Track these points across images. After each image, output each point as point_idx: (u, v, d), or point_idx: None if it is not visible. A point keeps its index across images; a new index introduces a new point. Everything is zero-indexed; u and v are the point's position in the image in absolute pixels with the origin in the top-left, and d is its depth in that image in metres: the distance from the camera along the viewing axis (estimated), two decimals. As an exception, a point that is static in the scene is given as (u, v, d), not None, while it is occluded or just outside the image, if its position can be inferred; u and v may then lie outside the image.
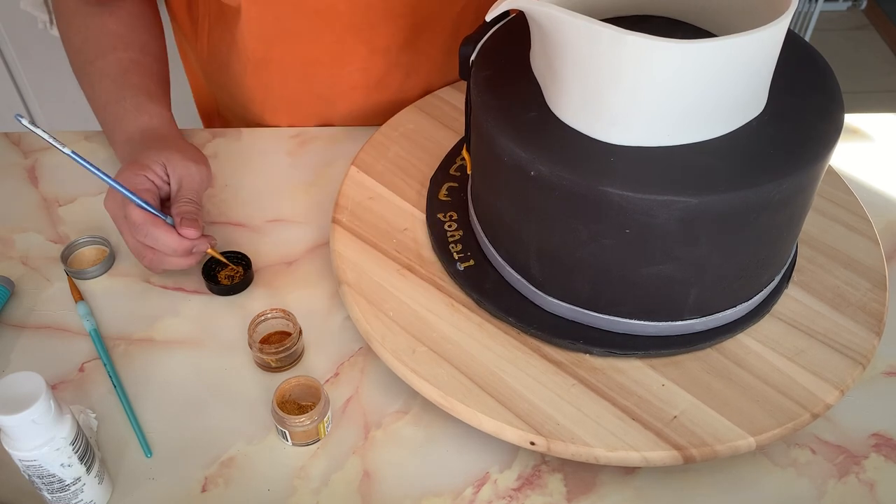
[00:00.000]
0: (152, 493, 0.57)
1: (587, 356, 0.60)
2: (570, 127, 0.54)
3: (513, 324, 0.61)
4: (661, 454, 0.54)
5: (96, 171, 0.63)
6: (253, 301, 0.69)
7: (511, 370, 0.59)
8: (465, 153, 0.67)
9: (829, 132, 0.54)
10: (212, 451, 0.59)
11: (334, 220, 0.69)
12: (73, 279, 0.70)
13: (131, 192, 0.63)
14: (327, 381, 0.64)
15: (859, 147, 0.85)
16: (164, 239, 0.63)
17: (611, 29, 0.48)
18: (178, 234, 0.64)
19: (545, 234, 0.56)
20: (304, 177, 0.80)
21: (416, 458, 0.59)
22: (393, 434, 0.60)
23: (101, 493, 0.55)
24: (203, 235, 0.65)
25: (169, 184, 0.67)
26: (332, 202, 0.72)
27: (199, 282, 0.70)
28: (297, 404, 0.61)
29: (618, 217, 0.52)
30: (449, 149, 0.75)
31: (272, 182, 0.79)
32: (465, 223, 0.68)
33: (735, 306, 0.60)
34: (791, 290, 0.64)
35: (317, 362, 0.65)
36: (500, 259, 0.63)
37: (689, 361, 0.60)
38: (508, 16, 0.63)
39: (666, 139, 0.52)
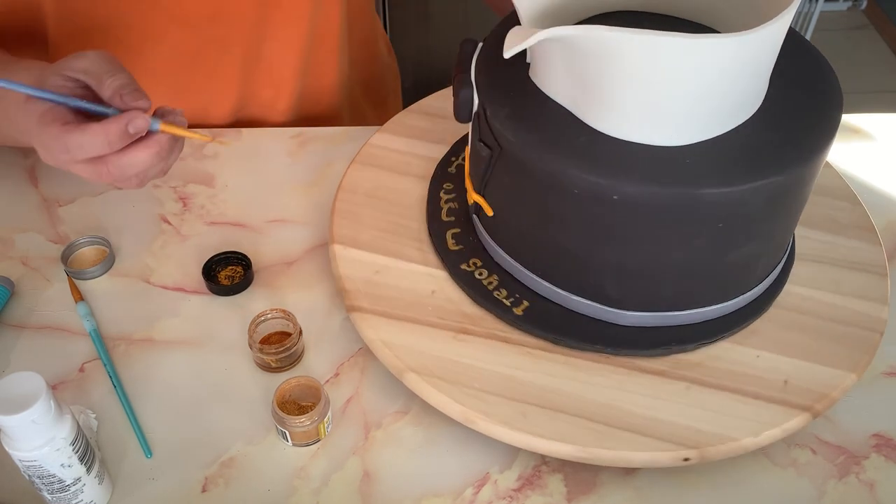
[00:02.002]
0: (152, 493, 0.57)
1: (681, 356, 0.60)
2: (627, 141, 0.53)
3: (601, 350, 0.59)
4: (795, 421, 0.56)
5: (10, 85, 0.54)
6: (253, 301, 0.69)
7: (624, 396, 0.57)
8: (475, 197, 0.63)
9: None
10: (212, 452, 0.59)
11: (355, 309, 0.62)
12: (73, 279, 0.70)
13: (40, 90, 0.54)
14: (327, 381, 0.64)
15: (860, 147, 0.85)
16: (86, 138, 0.53)
17: (673, 37, 0.47)
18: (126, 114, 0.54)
19: (629, 252, 0.55)
20: (304, 177, 0.80)
21: (416, 459, 0.59)
22: (393, 434, 0.60)
23: (101, 494, 0.55)
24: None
25: (86, 87, 0.57)
26: (332, 203, 0.72)
27: (199, 282, 0.70)
28: (297, 404, 0.61)
29: (713, 214, 0.52)
30: (422, 196, 0.71)
31: (272, 182, 0.79)
32: (494, 267, 0.64)
33: (781, 261, 0.63)
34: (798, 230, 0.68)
35: (317, 362, 0.65)
36: (561, 292, 0.60)
37: (764, 326, 0.62)
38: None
39: (713, 131, 0.53)
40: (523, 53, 0.58)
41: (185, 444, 0.60)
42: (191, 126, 0.63)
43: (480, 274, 0.64)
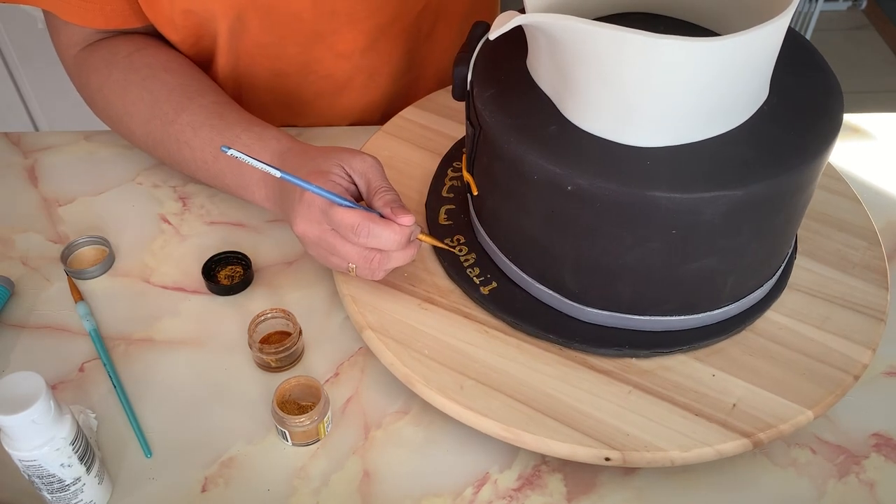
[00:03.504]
0: (152, 493, 0.57)
1: (633, 360, 0.60)
2: (596, 136, 0.53)
3: (554, 340, 0.60)
4: (731, 445, 0.55)
5: (309, 186, 0.58)
6: (253, 301, 0.69)
7: (565, 388, 0.58)
8: (466, 175, 0.64)
9: (834, 109, 0.56)
10: (212, 451, 0.59)
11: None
12: (73, 279, 0.70)
13: (337, 196, 0.59)
14: (327, 381, 0.64)
15: (860, 146, 0.85)
16: (387, 233, 0.58)
17: (641, 35, 0.47)
18: (396, 223, 0.59)
19: (585, 245, 0.56)
20: (304, 177, 0.80)
21: (416, 458, 0.59)
22: (393, 434, 0.60)
23: (101, 493, 0.55)
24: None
25: (354, 184, 0.63)
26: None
27: (199, 282, 0.70)
28: (297, 404, 0.61)
29: (665, 219, 0.52)
30: (432, 171, 0.73)
31: (272, 182, 0.79)
32: (475, 246, 0.66)
33: (762, 285, 0.61)
34: (799, 260, 0.66)
35: (317, 362, 0.65)
36: (526, 277, 0.61)
37: (730, 347, 0.61)
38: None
39: (688, 136, 0.53)
40: (524, 41, 0.59)
41: (185, 444, 0.60)
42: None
43: (461, 250, 0.66)
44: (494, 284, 0.63)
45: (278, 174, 0.57)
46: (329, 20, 0.76)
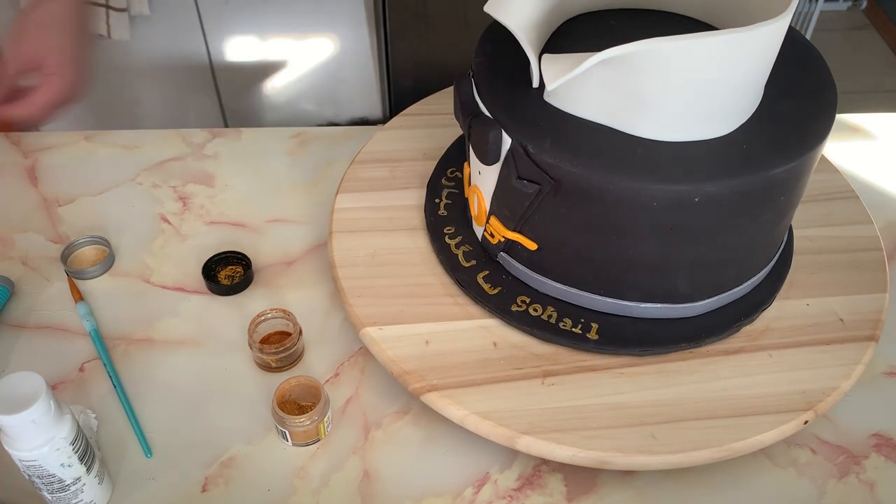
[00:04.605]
0: (152, 493, 0.57)
1: (748, 328, 0.62)
2: (680, 143, 0.53)
3: (686, 347, 0.60)
4: (868, 353, 0.60)
5: None
6: (253, 301, 0.69)
7: (728, 383, 0.59)
8: (510, 234, 0.60)
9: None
10: (212, 451, 0.59)
11: (427, 390, 0.57)
12: (73, 279, 0.70)
13: None
14: (327, 381, 0.63)
15: (860, 146, 0.85)
16: None
17: (725, 33, 0.48)
18: None
19: (704, 248, 0.56)
20: (304, 176, 0.80)
21: (416, 458, 0.59)
22: (393, 434, 0.60)
23: (101, 493, 0.55)
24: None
25: None
26: (332, 202, 0.72)
27: (199, 282, 0.70)
28: (297, 404, 0.61)
29: (775, 191, 0.54)
30: (422, 248, 0.67)
31: (272, 182, 0.79)
32: (548, 300, 0.62)
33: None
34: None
35: (317, 362, 0.65)
36: (629, 304, 0.60)
37: (795, 275, 0.65)
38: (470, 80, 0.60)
39: (729, 126, 0.55)
40: (526, 77, 0.57)
41: (184, 443, 0.59)
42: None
43: (535, 310, 0.61)
44: (596, 326, 0.60)
45: None
46: None
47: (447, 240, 0.66)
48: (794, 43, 0.61)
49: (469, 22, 0.93)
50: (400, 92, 1.15)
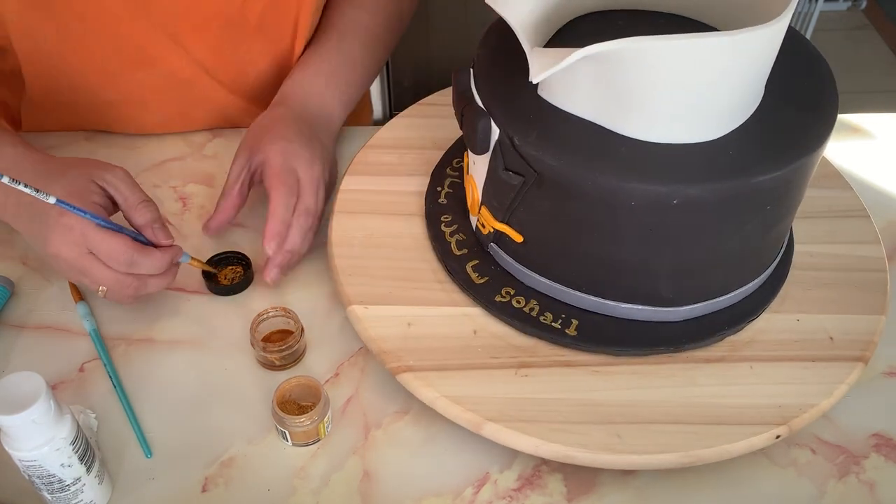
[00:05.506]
0: (152, 493, 0.57)
1: (732, 338, 0.62)
2: (669, 144, 0.53)
3: (664, 351, 0.60)
4: (854, 374, 0.59)
5: (76, 210, 0.57)
6: (253, 301, 0.69)
7: (704, 391, 0.58)
8: (498, 225, 0.61)
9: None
10: (212, 451, 0.59)
11: (403, 370, 0.59)
12: (73, 279, 0.70)
13: (102, 219, 0.58)
14: (327, 381, 0.63)
15: (860, 146, 0.85)
16: (149, 261, 0.58)
17: (719, 35, 0.48)
18: (158, 249, 0.60)
19: (686, 252, 0.56)
20: (304, 177, 0.80)
21: (416, 458, 0.59)
22: (393, 434, 0.60)
23: (101, 494, 0.55)
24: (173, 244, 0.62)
25: (108, 197, 0.62)
26: (331, 202, 0.72)
27: (199, 282, 0.70)
28: (297, 404, 0.61)
29: (762, 198, 0.54)
30: (419, 234, 0.68)
31: (272, 182, 0.79)
32: (531, 293, 0.62)
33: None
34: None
35: (317, 362, 0.65)
36: (610, 303, 0.60)
37: (790, 290, 0.65)
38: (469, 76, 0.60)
39: (723, 129, 0.55)
40: (526, 72, 0.57)
41: (184, 443, 0.60)
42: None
43: (518, 302, 0.62)
44: (576, 322, 0.60)
45: (52, 200, 0.54)
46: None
47: (443, 227, 0.67)
48: (801, 49, 0.61)
49: (469, 22, 0.93)
50: (400, 92, 1.16)
